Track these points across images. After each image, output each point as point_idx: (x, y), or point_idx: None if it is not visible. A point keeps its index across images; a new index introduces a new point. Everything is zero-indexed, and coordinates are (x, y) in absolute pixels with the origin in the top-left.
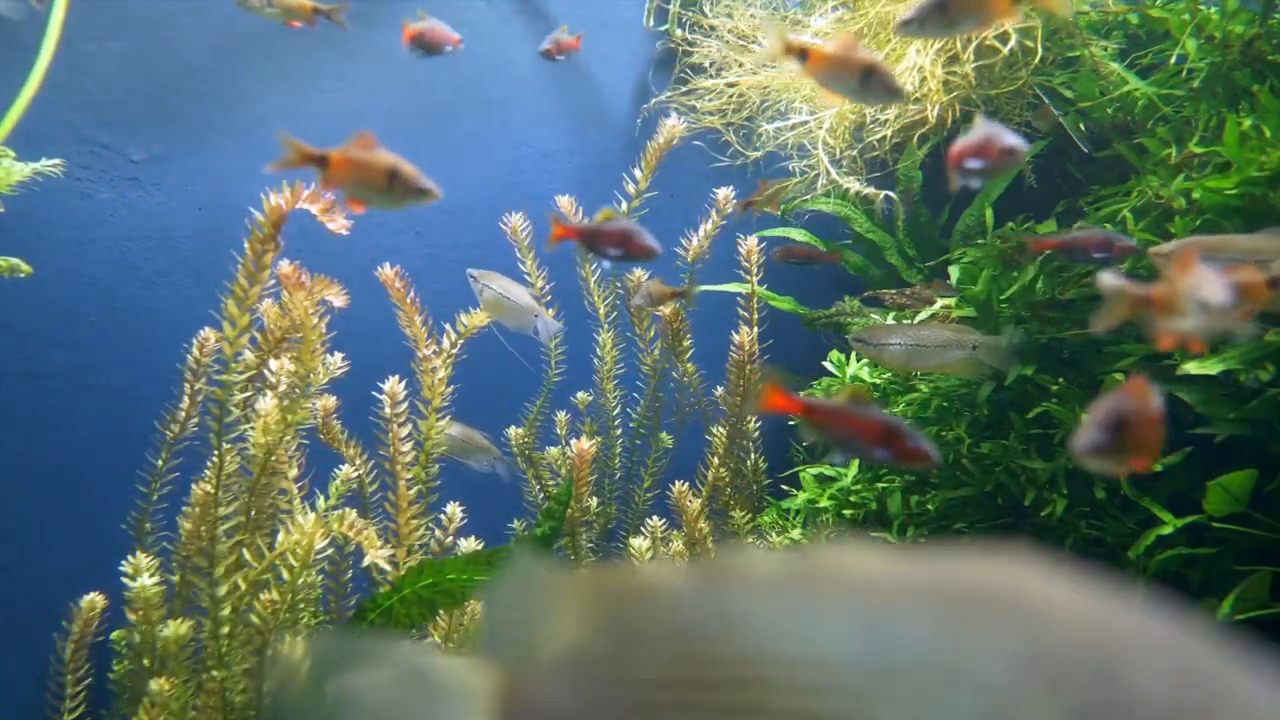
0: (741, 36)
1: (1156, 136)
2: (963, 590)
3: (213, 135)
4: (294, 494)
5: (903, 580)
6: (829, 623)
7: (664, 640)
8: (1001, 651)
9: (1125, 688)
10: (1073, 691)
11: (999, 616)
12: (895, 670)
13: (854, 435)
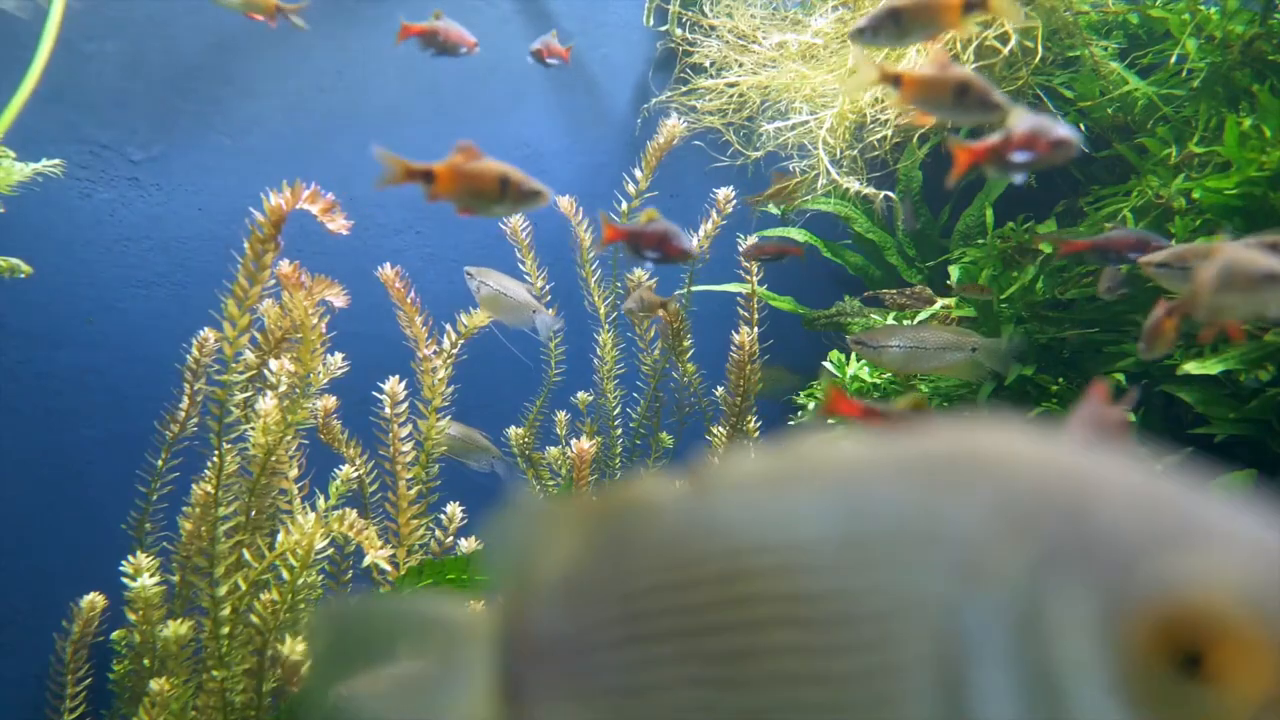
0: (742, 36)
1: (1156, 136)
2: (932, 456)
3: (213, 135)
4: (294, 494)
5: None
6: (807, 506)
7: (653, 549)
8: (970, 505)
9: (1095, 522)
10: (1041, 531)
11: (967, 474)
12: (871, 540)
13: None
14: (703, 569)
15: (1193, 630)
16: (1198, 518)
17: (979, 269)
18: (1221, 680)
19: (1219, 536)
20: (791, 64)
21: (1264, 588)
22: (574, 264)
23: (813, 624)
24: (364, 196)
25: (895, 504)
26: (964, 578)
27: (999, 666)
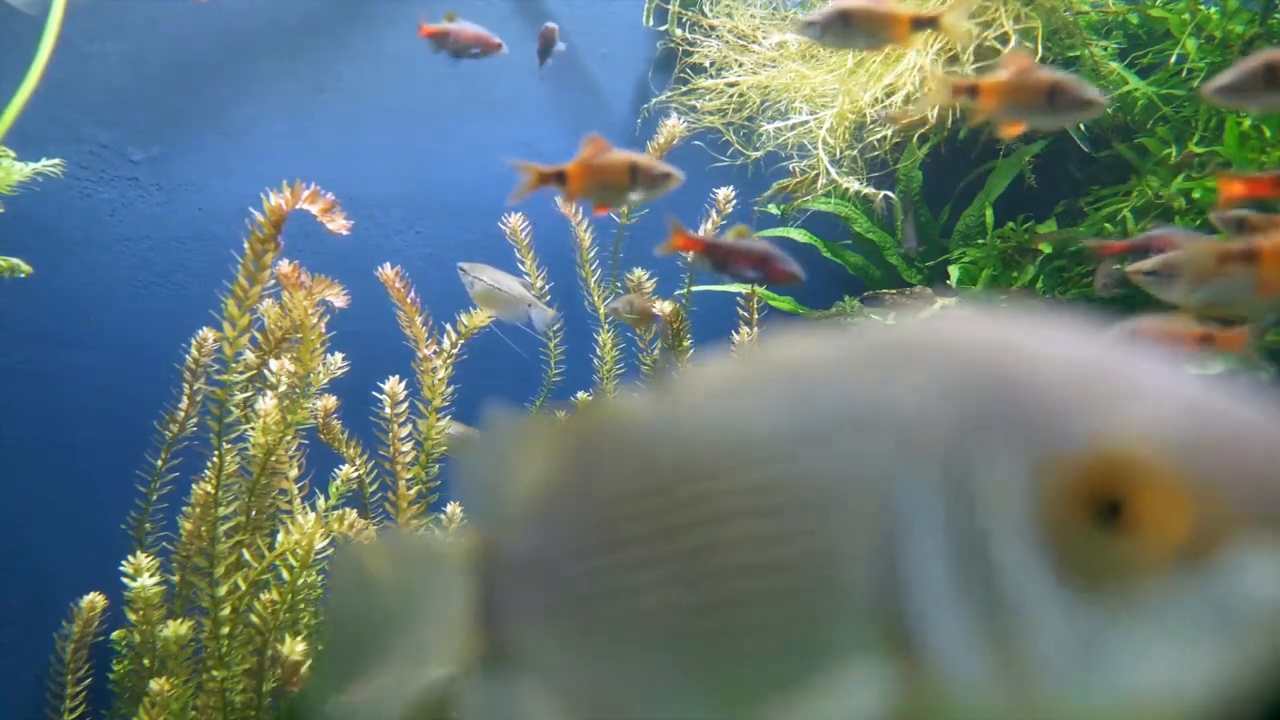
0: (741, 36)
1: (1156, 136)
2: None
3: (213, 135)
4: (294, 494)
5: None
6: (761, 402)
7: (620, 459)
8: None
9: (1023, 388)
10: (970, 400)
11: (908, 357)
12: (818, 427)
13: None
14: (665, 473)
15: (1111, 480)
16: (1126, 379)
17: (979, 269)
18: (1138, 528)
19: (1144, 394)
20: (791, 64)
21: (1180, 439)
22: (574, 264)
23: (764, 514)
24: (364, 196)
25: (841, 391)
26: (900, 453)
27: (932, 534)
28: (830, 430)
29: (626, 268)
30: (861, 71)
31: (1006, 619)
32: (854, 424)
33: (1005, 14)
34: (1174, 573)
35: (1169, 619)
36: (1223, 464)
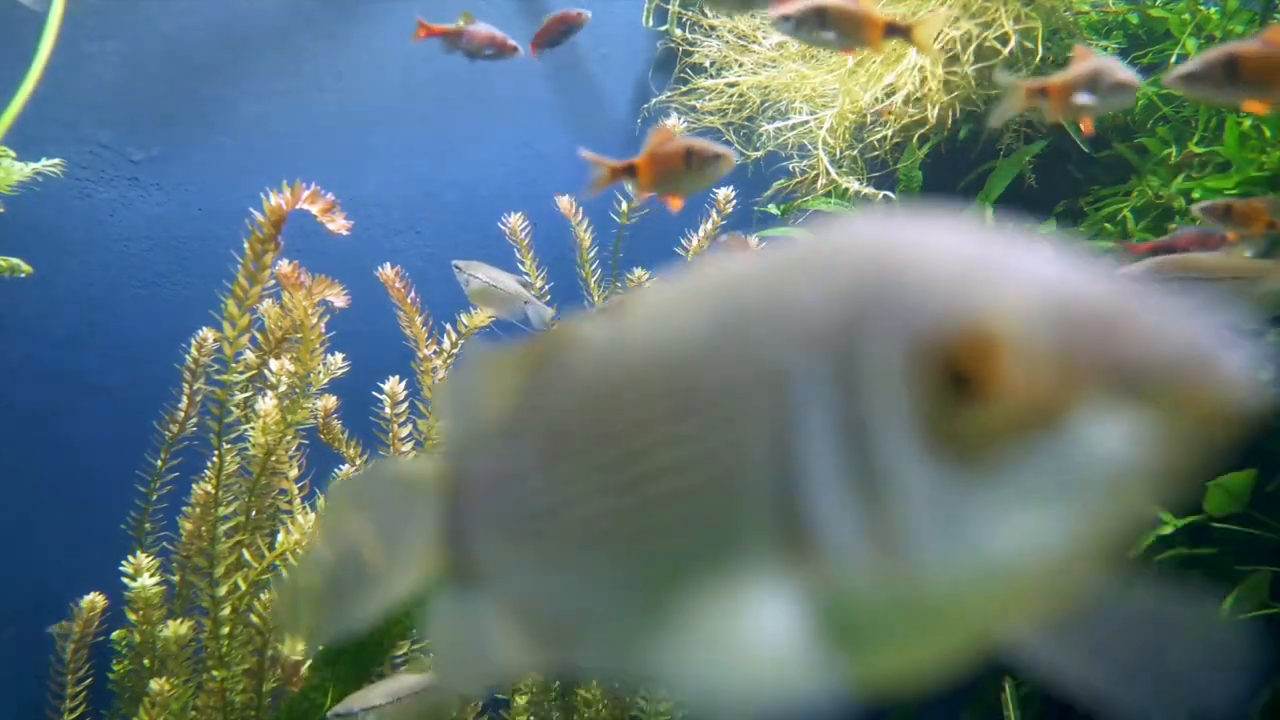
0: (742, 36)
1: (1156, 136)
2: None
3: (213, 135)
4: (294, 494)
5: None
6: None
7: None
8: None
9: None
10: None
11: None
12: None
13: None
14: (604, 388)
15: (969, 353)
16: (994, 263)
17: None
18: (994, 398)
19: (1007, 275)
20: (791, 64)
21: (1033, 312)
22: (574, 264)
23: (681, 418)
24: (364, 196)
25: (748, 298)
26: (796, 350)
27: (823, 425)
28: (737, 334)
29: (626, 268)
30: (861, 71)
31: (886, 499)
32: (757, 326)
33: (1005, 14)
34: (1027, 439)
35: (1024, 484)
36: (1071, 334)
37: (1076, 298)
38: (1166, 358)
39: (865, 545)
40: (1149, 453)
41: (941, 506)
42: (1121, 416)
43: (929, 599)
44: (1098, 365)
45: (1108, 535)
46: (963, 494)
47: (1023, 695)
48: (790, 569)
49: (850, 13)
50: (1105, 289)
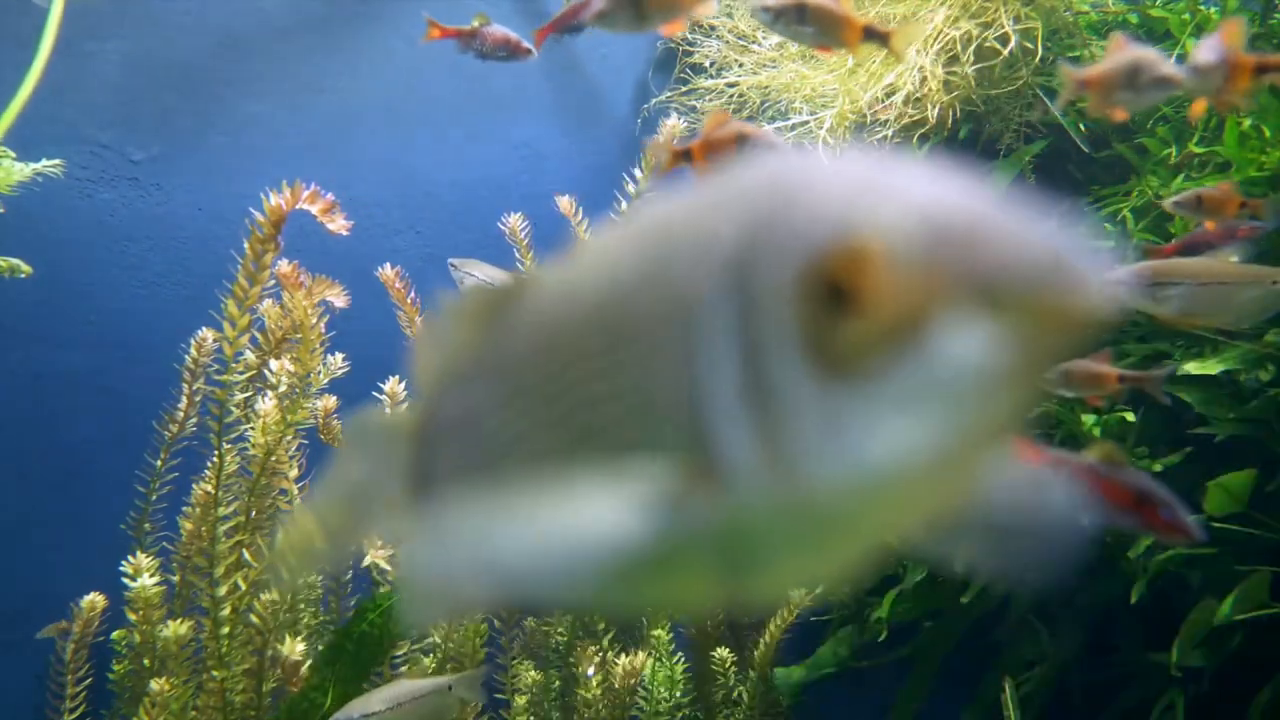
0: (742, 36)
1: (1156, 136)
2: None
3: (213, 135)
4: (294, 494)
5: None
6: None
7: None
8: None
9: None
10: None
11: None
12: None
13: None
14: (550, 327)
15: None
16: (875, 185)
17: None
18: (867, 311)
19: (884, 195)
20: (791, 64)
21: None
22: None
23: (613, 347)
24: (364, 196)
25: (674, 231)
26: (705, 275)
27: (723, 345)
28: (656, 268)
29: None
30: (861, 71)
31: (776, 415)
32: (672, 259)
33: (1005, 14)
34: (898, 348)
35: (897, 392)
36: (936, 247)
37: (943, 214)
38: (1022, 268)
39: (760, 461)
40: (1009, 358)
41: (824, 419)
42: (983, 325)
43: (819, 509)
44: (959, 276)
45: (977, 439)
46: (843, 406)
47: (1023, 695)
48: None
49: (830, 11)
50: (972, 206)
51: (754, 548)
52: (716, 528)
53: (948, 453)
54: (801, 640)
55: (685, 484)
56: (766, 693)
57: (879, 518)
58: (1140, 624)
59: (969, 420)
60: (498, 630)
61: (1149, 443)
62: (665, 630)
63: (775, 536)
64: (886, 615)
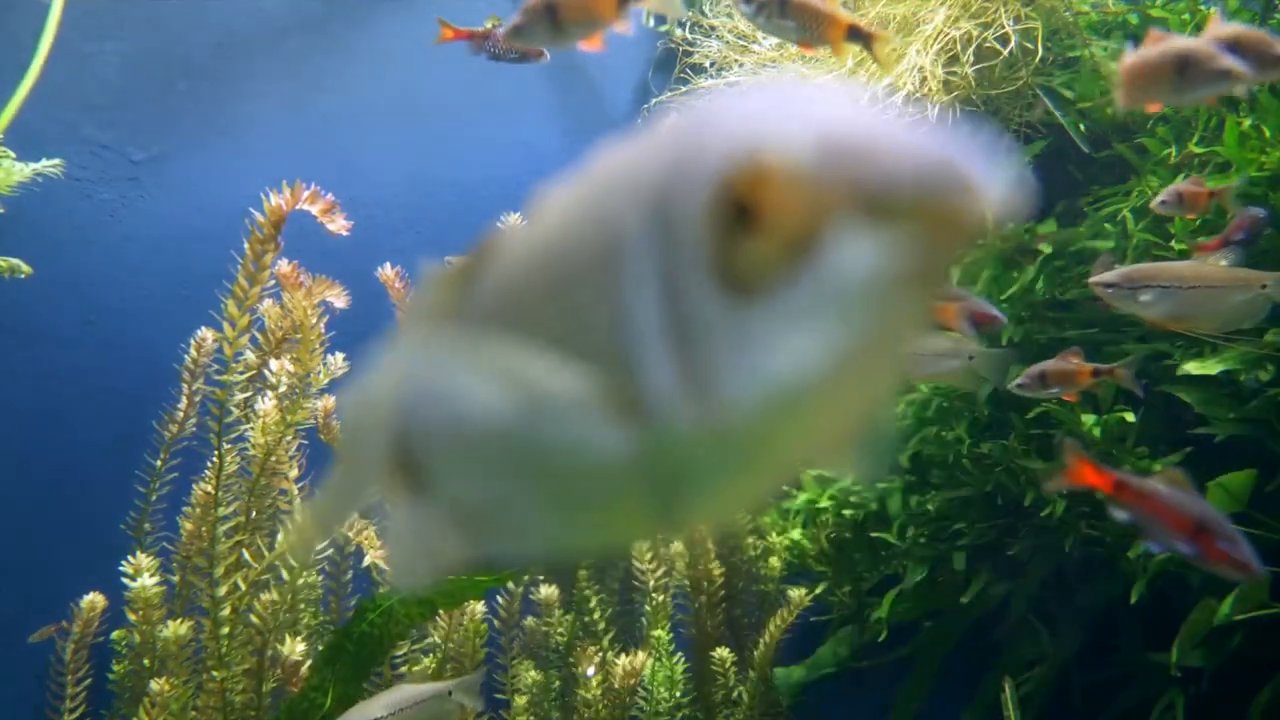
0: (742, 36)
1: (1156, 136)
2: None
3: (213, 135)
4: (294, 494)
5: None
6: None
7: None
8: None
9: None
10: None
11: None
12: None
13: (1160, 524)
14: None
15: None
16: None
17: (979, 269)
18: (766, 229)
19: (788, 114)
20: (791, 64)
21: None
22: None
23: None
24: (364, 196)
25: (616, 171)
26: (633, 207)
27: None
28: (595, 210)
29: None
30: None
31: (692, 341)
32: (608, 199)
33: (1005, 14)
34: (799, 263)
35: (799, 307)
36: (830, 160)
37: (836, 129)
38: (910, 175)
39: (680, 388)
40: (902, 264)
41: (734, 340)
42: (875, 233)
43: (736, 431)
44: (850, 187)
45: (878, 348)
46: (751, 326)
47: (1023, 695)
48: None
49: (812, 7)
50: (865, 120)
51: (681, 476)
52: (645, 459)
53: (850, 363)
54: (801, 640)
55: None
56: (766, 693)
57: (794, 435)
58: (1140, 624)
59: (868, 329)
60: (498, 630)
61: (1149, 443)
62: (665, 630)
63: (700, 463)
64: (886, 615)
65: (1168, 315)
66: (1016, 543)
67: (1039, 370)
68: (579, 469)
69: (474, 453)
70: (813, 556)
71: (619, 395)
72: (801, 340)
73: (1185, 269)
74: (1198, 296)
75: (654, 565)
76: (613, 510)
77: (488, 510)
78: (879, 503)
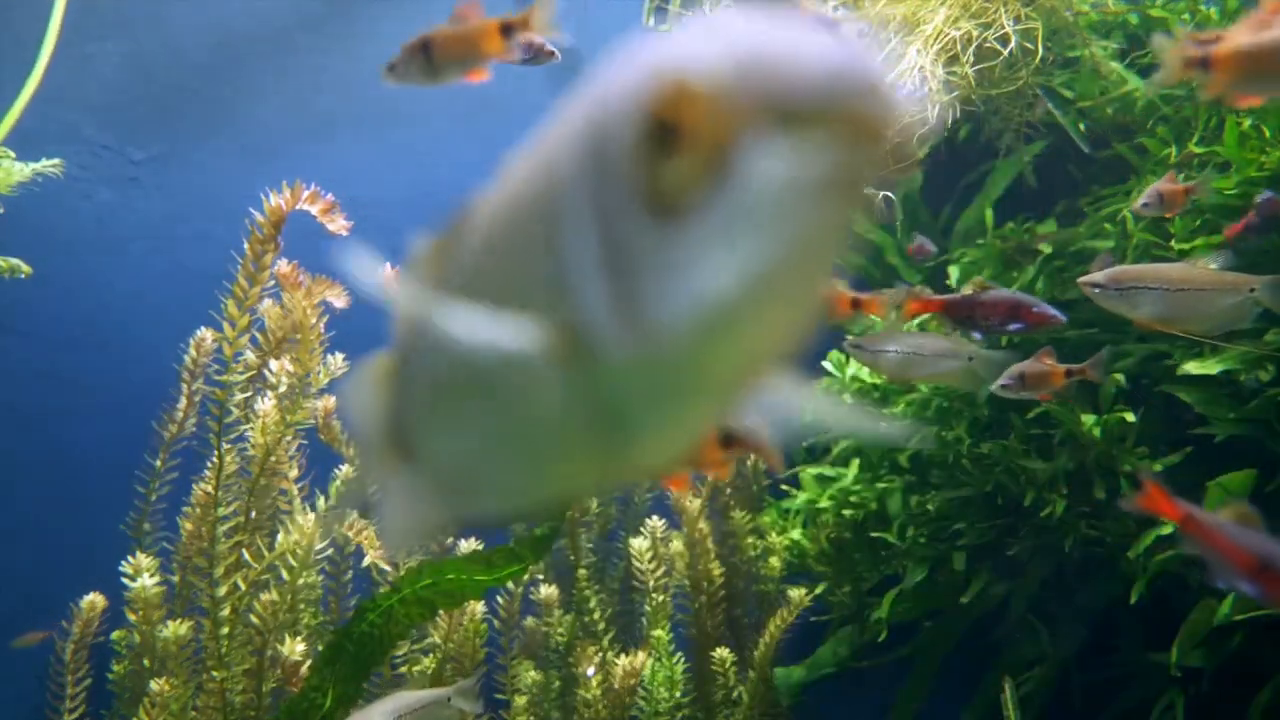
0: None
1: (1156, 136)
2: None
3: (213, 135)
4: (294, 494)
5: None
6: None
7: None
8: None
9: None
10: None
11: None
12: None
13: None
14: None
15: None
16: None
17: (979, 269)
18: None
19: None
20: None
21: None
22: None
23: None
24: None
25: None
26: (572, 150)
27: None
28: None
29: None
30: None
31: (624, 268)
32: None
33: (1005, 14)
34: (715, 180)
35: (719, 223)
36: (742, 76)
37: (746, 44)
38: (818, 82)
39: (616, 318)
40: (816, 171)
41: (664, 263)
42: (788, 143)
43: (672, 356)
44: (759, 99)
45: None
46: (678, 246)
47: (1023, 695)
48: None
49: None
50: (775, 35)
51: (626, 409)
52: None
53: (775, 276)
54: (801, 640)
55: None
56: (766, 693)
57: (726, 355)
58: (1140, 624)
59: (789, 240)
60: (498, 630)
61: (1149, 443)
62: (665, 630)
63: (641, 393)
64: (886, 615)
65: (1154, 317)
66: (1016, 543)
67: (1018, 371)
68: (534, 415)
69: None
70: (813, 556)
71: (564, 337)
72: (726, 256)
73: (1173, 271)
74: (1185, 299)
75: (654, 565)
76: (568, 454)
77: (463, 469)
78: (879, 503)
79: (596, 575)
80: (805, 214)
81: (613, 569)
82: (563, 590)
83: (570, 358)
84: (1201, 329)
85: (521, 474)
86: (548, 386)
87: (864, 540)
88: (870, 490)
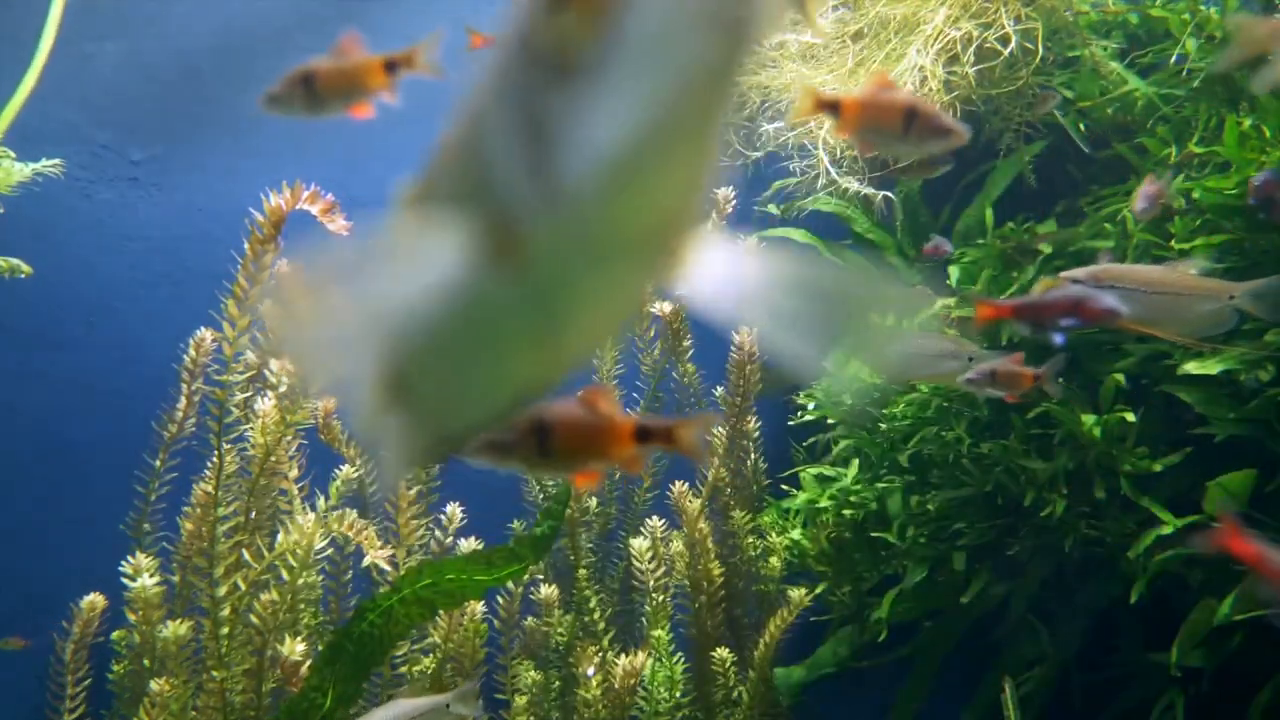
0: None
1: (1156, 136)
2: None
3: (213, 135)
4: (294, 494)
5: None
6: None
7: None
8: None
9: None
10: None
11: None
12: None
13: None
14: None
15: None
16: None
17: (979, 269)
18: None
19: None
20: (791, 64)
21: None
22: None
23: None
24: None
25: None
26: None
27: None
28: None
29: None
30: (861, 71)
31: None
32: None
33: (1005, 14)
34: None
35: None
36: None
37: None
38: None
39: (536, 189)
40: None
41: (570, 124)
42: None
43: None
44: None
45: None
46: (580, 105)
47: (1023, 695)
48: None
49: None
50: None
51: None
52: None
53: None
54: (801, 640)
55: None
56: (766, 693)
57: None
58: (1140, 624)
59: (679, 80)
60: (498, 630)
61: (1149, 443)
62: (665, 630)
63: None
64: (886, 615)
65: (1133, 317)
66: (1016, 543)
67: (989, 368)
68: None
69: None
70: (813, 556)
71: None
72: (619, 103)
73: (1154, 273)
74: (1164, 302)
75: (654, 565)
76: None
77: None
78: (879, 503)
79: (596, 575)
80: (688, 50)
81: (613, 569)
82: (563, 590)
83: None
84: (1180, 333)
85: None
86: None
87: (864, 540)
88: (870, 490)
